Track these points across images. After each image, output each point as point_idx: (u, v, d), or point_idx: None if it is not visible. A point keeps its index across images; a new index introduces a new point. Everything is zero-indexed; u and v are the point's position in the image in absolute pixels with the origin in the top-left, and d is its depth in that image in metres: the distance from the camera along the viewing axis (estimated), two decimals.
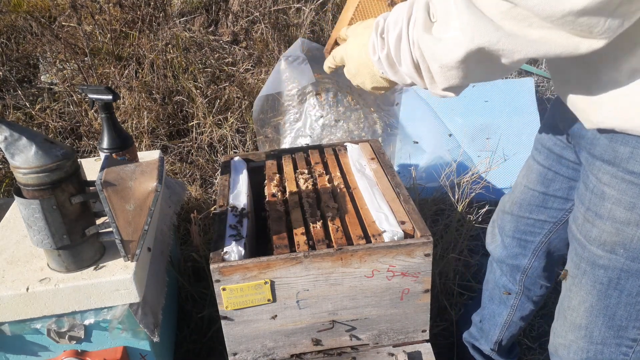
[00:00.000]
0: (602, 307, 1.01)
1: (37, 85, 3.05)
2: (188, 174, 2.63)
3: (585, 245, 0.99)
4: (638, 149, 0.85)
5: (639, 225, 0.89)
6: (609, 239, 0.94)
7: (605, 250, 0.95)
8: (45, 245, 1.13)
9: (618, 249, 0.93)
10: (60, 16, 3.27)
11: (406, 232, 1.25)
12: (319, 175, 1.52)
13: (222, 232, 1.27)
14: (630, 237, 0.91)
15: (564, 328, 1.11)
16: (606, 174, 0.91)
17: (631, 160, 0.86)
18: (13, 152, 1.05)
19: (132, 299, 1.19)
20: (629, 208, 0.89)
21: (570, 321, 1.08)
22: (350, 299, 1.25)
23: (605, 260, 0.96)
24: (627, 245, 0.92)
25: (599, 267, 0.97)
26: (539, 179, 1.25)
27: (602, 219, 0.94)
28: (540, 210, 1.28)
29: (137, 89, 2.83)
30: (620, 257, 0.93)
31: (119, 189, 1.09)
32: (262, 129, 2.61)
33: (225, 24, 3.30)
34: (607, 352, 1.05)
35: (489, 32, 0.73)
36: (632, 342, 1.02)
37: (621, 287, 0.97)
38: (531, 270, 1.38)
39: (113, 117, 1.42)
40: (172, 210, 1.70)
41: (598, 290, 1.00)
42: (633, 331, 1.01)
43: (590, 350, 1.07)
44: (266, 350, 1.29)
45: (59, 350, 1.25)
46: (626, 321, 1.00)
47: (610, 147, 0.89)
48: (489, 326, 1.53)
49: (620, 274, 0.95)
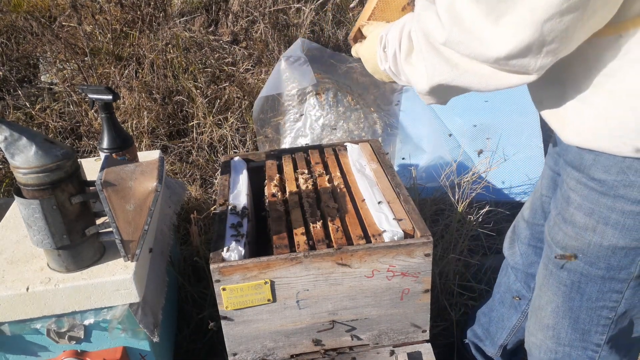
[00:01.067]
0: (566, 308, 1.03)
1: (37, 85, 3.05)
2: (188, 174, 2.63)
3: (552, 247, 1.02)
4: (599, 157, 0.87)
5: (595, 231, 0.91)
6: (569, 243, 0.96)
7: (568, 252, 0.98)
8: (45, 245, 1.13)
9: (578, 254, 0.96)
10: (60, 16, 3.26)
11: (406, 232, 1.25)
12: (319, 175, 1.52)
13: (222, 232, 1.27)
14: (587, 242, 0.93)
15: (535, 327, 1.13)
16: (573, 179, 0.94)
17: (593, 168, 0.88)
18: (13, 152, 1.05)
19: (132, 299, 1.19)
20: (588, 214, 0.92)
21: (540, 320, 1.10)
22: (350, 299, 1.25)
23: (568, 263, 0.99)
24: (584, 251, 0.94)
25: (562, 269, 1.00)
26: (550, 184, 1.24)
27: (566, 223, 0.97)
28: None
29: (137, 89, 2.83)
30: (580, 261, 0.96)
31: (119, 189, 1.09)
32: (262, 129, 2.61)
33: (225, 24, 3.30)
34: (575, 355, 1.08)
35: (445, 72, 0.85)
36: (597, 347, 1.05)
37: (582, 291, 0.99)
38: None
39: (113, 117, 1.42)
40: (172, 210, 1.70)
41: (562, 292, 1.02)
42: (596, 336, 1.03)
43: (558, 352, 1.09)
44: (266, 351, 1.29)
45: (58, 351, 1.25)
46: (589, 325, 1.03)
47: (578, 154, 0.91)
48: (496, 329, 1.52)
49: (581, 277, 0.98)
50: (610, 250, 0.91)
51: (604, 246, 0.91)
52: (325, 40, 3.30)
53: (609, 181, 0.87)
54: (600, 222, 0.90)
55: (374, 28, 1.11)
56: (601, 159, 0.86)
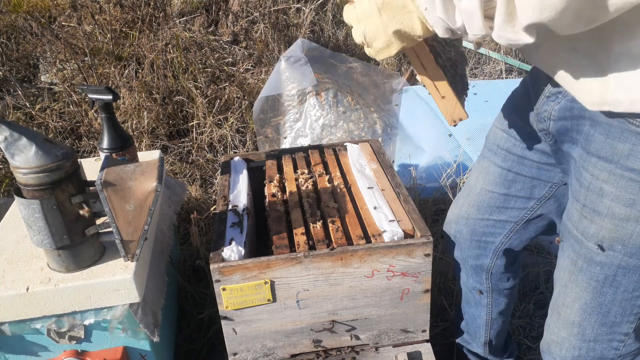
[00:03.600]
0: (596, 304, 1.01)
1: (37, 85, 3.05)
2: (188, 174, 2.63)
3: (583, 242, 0.98)
4: (638, 145, 0.84)
5: (638, 221, 0.89)
6: (607, 235, 0.93)
7: (603, 246, 0.95)
8: (45, 245, 1.13)
9: (616, 246, 0.93)
10: (60, 16, 3.26)
11: (406, 232, 1.25)
12: (319, 175, 1.52)
13: (222, 232, 1.27)
14: (629, 233, 0.90)
15: (557, 325, 1.11)
16: (603, 170, 0.90)
17: (631, 157, 0.85)
18: (13, 152, 1.05)
19: (132, 299, 1.19)
20: (628, 205, 0.88)
21: (564, 318, 1.08)
22: (350, 299, 1.25)
23: (603, 257, 0.95)
24: (625, 242, 0.91)
25: (596, 264, 0.97)
26: (499, 181, 1.24)
27: (601, 215, 0.93)
28: (501, 210, 1.27)
29: (137, 89, 2.83)
30: (618, 253, 0.93)
31: (119, 189, 1.09)
32: (262, 129, 2.61)
33: (225, 24, 3.30)
34: (599, 349, 1.06)
35: None
36: (624, 337, 1.03)
37: (617, 284, 0.97)
38: (494, 268, 1.38)
39: (113, 117, 1.42)
40: (172, 210, 1.70)
41: (593, 288, 1.00)
42: (626, 326, 1.01)
43: (582, 348, 1.07)
44: (266, 350, 1.29)
45: (59, 350, 1.25)
46: (620, 317, 1.01)
47: (607, 144, 0.88)
48: (474, 329, 1.53)
49: (617, 270, 0.95)
50: None
51: None
52: (325, 40, 3.31)
53: None
54: None
55: None
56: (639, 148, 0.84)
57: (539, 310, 1.92)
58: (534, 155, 1.16)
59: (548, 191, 1.21)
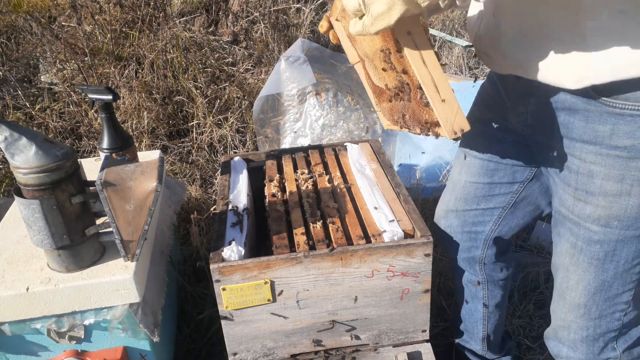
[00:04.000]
0: (599, 283, 1.04)
1: (37, 85, 3.05)
2: (188, 174, 2.63)
3: (580, 224, 1.02)
4: (618, 125, 0.88)
5: (630, 194, 0.93)
6: (603, 213, 0.97)
7: (600, 224, 0.98)
8: (45, 245, 1.13)
9: (612, 222, 0.97)
10: (60, 16, 3.26)
11: (406, 232, 1.25)
12: (319, 175, 1.52)
13: (222, 232, 1.27)
14: (624, 207, 0.95)
15: (563, 310, 1.13)
16: (590, 153, 0.94)
17: (613, 137, 0.90)
18: (13, 152, 1.05)
19: (132, 299, 1.19)
20: (618, 180, 0.93)
21: (570, 301, 1.10)
22: (350, 299, 1.25)
23: (601, 235, 0.99)
24: (621, 216, 0.96)
25: (595, 242, 1.01)
26: (481, 171, 1.28)
27: (594, 195, 0.97)
28: (488, 199, 1.32)
29: (137, 89, 2.83)
30: (615, 228, 0.97)
31: (119, 189, 1.09)
32: (262, 129, 2.60)
33: (225, 24, 3.30)
34: (604, 324, 1.09)
35: None
36: (625, 306, 1.07)
37: (617, 258, 1.00)
38: (487, 258, 1.41)
39: (113, 117, 1.42)
40: (172, 210, 1.70)
41: (595, 267, 1.03)
42: (626, 295, 1.05)
43: (589, 327, 1.10)
44: (266, 350, 1.29)
45: (59, 350, 1.25)
46: (622, 289, 1.04)
47: (588, 129, 0.92)
48: (471, 325, 1.55)
49: (616, 245, 0.99)
50: None
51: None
52: (325, 40, 3.30)
53: (636, 145, 0.88)
54: (635, 184, 0.92)
55: None
56: (620, 127, 0.88)
57: (539, 310, 1.92)
58: (510, 146, 1.20)
59: (529, 173, 1.25)
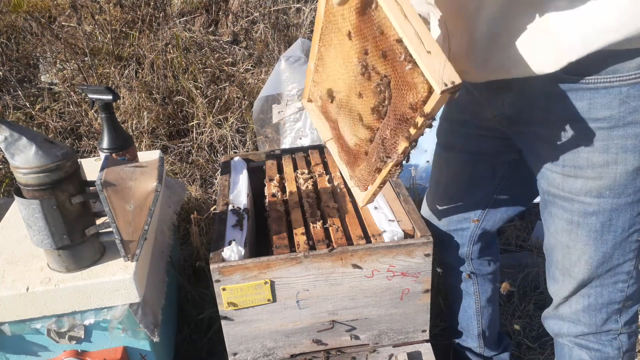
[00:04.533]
0: (600, 256, 1.06)
1: (37, 85, 3.05)
2: (188, 174, 2.63)
3: (573, 199, 1.03)
4: (594, 99, 0.92)
5: (617, 162, 0.96)
6: (594, 184, 0.99)
7: (593, 196, 1.00)
8: (45, 245, 1.13)
9: (604, 192, 0.99)
10: (60, 16, 3.26)
11: (406, 232, 1.25)
12: (319, 175, 1.52)
13: (222, 232, 1.27)
14: (612, 176, 0.97)
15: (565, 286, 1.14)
16: (572, 130, 0.98)
17: (592, 110, 0.93)
18: (13, 152, 1.05)
19: (132, 299, 1.19)
20: (603, 150, 0.95)
21: (574, 277, 1.11)
22: (350, 299, 1.25)
23: (595, 206, 1.01)
24: (611, 185, 0.98)
25: (590, 214, 1.02)
26: (461, 169, 1.30)
27: (582, 168, 0.99)
28: (470, 194, 1.33)
29: (137, 89, 2.83)
30: (608, 198, 0.99)
31: (119, 189, 1.09)
32: (262, 129, 2.60)
33: (225, 24, 3.30)
34: (606, 293, 1.10)
35: None
36: (627, 276, 1.08)
37: (614, 228, 1.02)
38: (474, 254, 1.43)
39: (113, 117, 1.42)
40: (172, 210, 1.70)
41: (594, 239, 1.04)
42: (627, 264, 1.07)
43: (591, 295, 1.11)
44: (266, 350, 1.29)
45: (59, 350, 1.25)
46: (622, 258, 1.06)
47: (567, 107, 0.95)
48: (466, 322, 1.56)
49: (611, 214, 1.01)
50: (635, 172, 0.96)
51: (630, 171, 0.96)
52: None
53: (614, 115, 0.92)
54: (619, 152, 0.95)
55: None
56: (597, 100, 0.92)
57: (539, 310, 1.92)
58: (489, 139, 1.22)
59: (508, 167, 1.27)
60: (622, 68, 0.88)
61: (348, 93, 1.06)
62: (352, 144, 1.12)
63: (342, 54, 1.03)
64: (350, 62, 1.01)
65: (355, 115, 1.06)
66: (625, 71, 0.88)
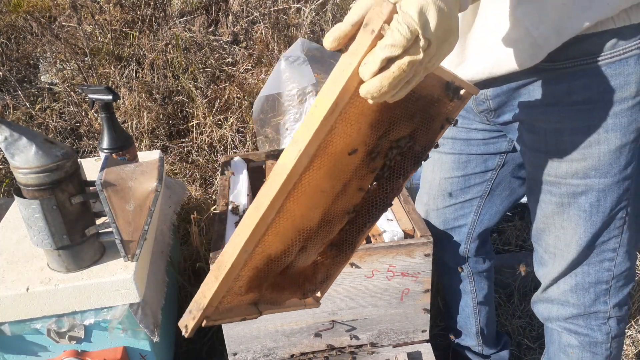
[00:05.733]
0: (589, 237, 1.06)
1: (37, 85, 3.05)
2: (188, 174, 2.63)
3: (560, 182, 1.04)
4: (573, 82, 0.93)
5: (599, 142, 0.96)
6: (579, 165, 0.99)
7: (579, 177, 1.00)
8: (45, 245, 1.13)
9: (590, 172, 0.99)
10: (60, 16, 3.27)
11: (406, 232, 1.25)
12: None
13: (222, 232, 1.27)
14: (596, 156, 0.97)
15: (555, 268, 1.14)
16: (552, 114, 0.98)
17: (572, 93, 0.94)
18: (13, 152, 1.05)
19: (132, 299, 1.19)
20: (585, 132, 0.96)
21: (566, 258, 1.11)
22: (350, 299, 1.25)
23: (583, 187, 1.01)
24: (596, 165, 0.98)
25: (579, 194, 1.03)
26: (453, 166, 1.30)
27: (566, 151, 1.00)
28: (465, 191, 1.33)
29: (137, 89, 2.83)
30: (594, 178, 1.00)
31: (119, 189, 1.09)
32: (262, 129, 2.61)
33: (225, 24, 3.30)
34: (593, 272, 1.10)
35: None
36: (613, 254, 1.08)
37: (603, 208, 1.02)
38: (470, 252, 1.43)
39: (113, 117, 1.42)
40: (172, 210, 1.70)
41: (583, 220, 1.04)
42: (613, 241, 1.07)
43: (577, 274, 1.11)
44: (266, 350, 1.29)
45: (59, 350, 1.25)
46: (607, 235, 1.06)
47: (547, 92, 0.96)
48: (464, 321, 1.56)
49: (599, 195, 1.01)
50: (618, 151, 0.97)
51: (612, 150, 0.96)
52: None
53: (593, 96, 0.93)
54: (601, 131, 0.95)
55: None
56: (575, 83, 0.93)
57: None
58: (478, 134, 1.22)
59: (499, 160, 1.27)
60: (597, 49, 0.89)
61: (329, 209, 0.81)
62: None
63: (331, 172, 0.75)
64: (345, 171, 0.77)
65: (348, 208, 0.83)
66: (601, 52, 0.90)
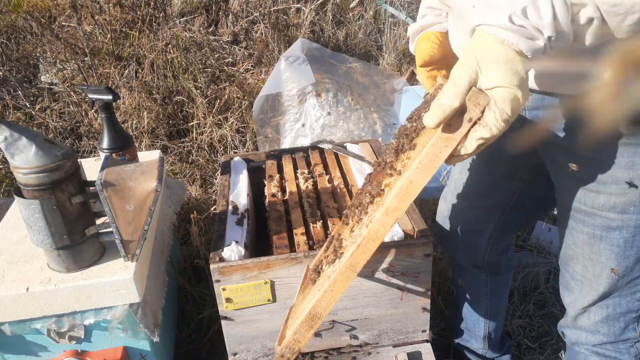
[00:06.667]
0: (622, 270, 1.04)
1: (37, 85, 3.05)
2: (188, 174, 2.63)
3: (596, 214, 1.01)
4: None
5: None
6: (618, 200, 0.97)
7: (617, 212, 0.98)
8: (45, 245, 1.13)
9: (629, 208, 0.97)
10: (60, 16, 3.26)
11: (406, 232, 1.25)
12: (319, 175, 1.52)
13: (222, 232, 1.27)
14: (638, 193, 0.94)
15: (584, 297, 1.13)
16: (595, 144, 0.95)
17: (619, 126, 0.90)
18: (13, 152, 1.05)
19: (132, 299, 1.19)
20: (629, 167, 0.93)
21: (594, 290, 1.10)
22: (350, 299, 1.25)
23: (619, 221, 0.99)
24: (636, 202, 0.96)
25: (613, 229, 1.00)
26: (481, 168, 1.29)
27: (606, 184, 0.97)
28: (489, 195, 1.32)
29: (137, 89, 2.83)
30: (632, 214, 0.97)
31: (119, 189, 1.09)
32: (262, 129, 2.61)
33: (225, 24, 3.30)
34: (625, 303, 1.09)
35: None
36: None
37: (638, 244, 1.00)
38: (489, 256, 1.42)
39: (113, 117, 1.42)
40: (172, 210, 1.70)
41: (617, 254, 1.03)
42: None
43: (609, 306, 1.10)
44: (266, 350, 1.29)
45: (59, 350, 1.25)
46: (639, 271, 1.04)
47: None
48: (472, 324, 1.55)
49: (635, 230, 0.99)
50: None
51: None
52: (325, 40, 3.30)
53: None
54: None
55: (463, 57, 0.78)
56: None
57: (539, 310, 1.92)
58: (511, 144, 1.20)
59: (529, 171, 1.25)
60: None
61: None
62: None
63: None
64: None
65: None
66: None
